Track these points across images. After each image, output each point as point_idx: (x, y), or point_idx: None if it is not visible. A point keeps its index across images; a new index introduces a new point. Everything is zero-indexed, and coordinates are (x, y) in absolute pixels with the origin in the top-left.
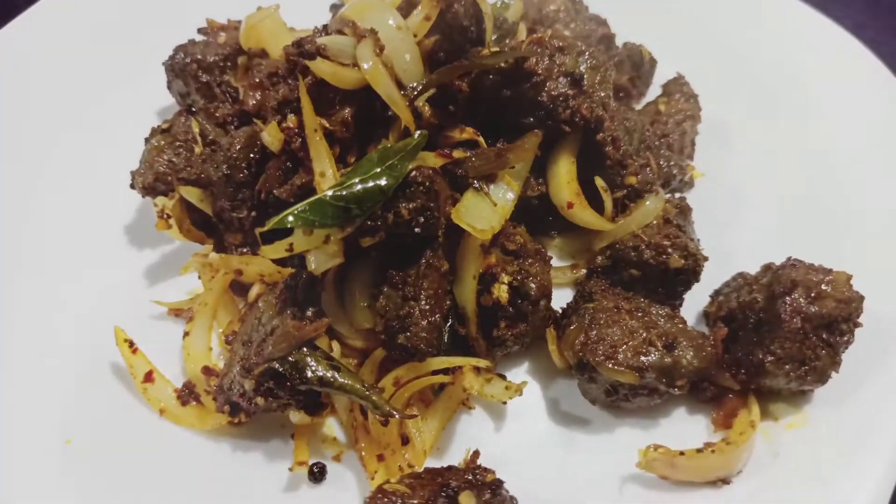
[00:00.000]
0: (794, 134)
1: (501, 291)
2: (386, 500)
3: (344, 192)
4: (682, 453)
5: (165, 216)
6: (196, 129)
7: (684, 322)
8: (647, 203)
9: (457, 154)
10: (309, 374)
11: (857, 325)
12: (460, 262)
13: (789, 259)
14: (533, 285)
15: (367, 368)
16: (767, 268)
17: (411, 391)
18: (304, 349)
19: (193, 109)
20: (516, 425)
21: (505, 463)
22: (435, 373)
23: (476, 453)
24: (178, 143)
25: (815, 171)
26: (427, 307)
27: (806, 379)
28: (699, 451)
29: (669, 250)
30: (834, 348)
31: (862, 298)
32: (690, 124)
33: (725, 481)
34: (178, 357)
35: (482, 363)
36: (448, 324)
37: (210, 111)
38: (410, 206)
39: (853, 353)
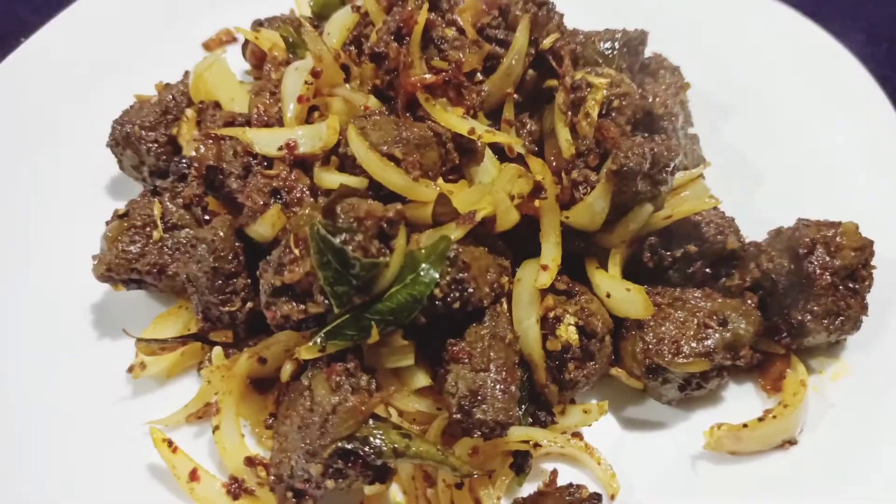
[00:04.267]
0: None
1: (570, 333)
2: None
3: (379, 306)
4: (745, 426)
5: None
6: (157, 212)
7: (720, 295)
8: (700, 183)
9: (480, 214)
10: (383, 447)
11: (873, 267)
12: (517, 311)
13: (799, 220)
14: (598, 322)
15: (431, 435)
16: (777, 232)
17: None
18: (371, 422)
19: (157, 189)
20: None
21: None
22: None
23: (555, 472)
24: (134, 230)
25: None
26: (499, 377)
27: (843, 328)
28: (761, 419)
29: (727, 231)
30: (860, 294)
31: (872, 242)
32: (684, 94)
33: (791, 442)
34: (206, 448)
35: (556, 438)
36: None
37: (175, 191)
38: (441, 282)
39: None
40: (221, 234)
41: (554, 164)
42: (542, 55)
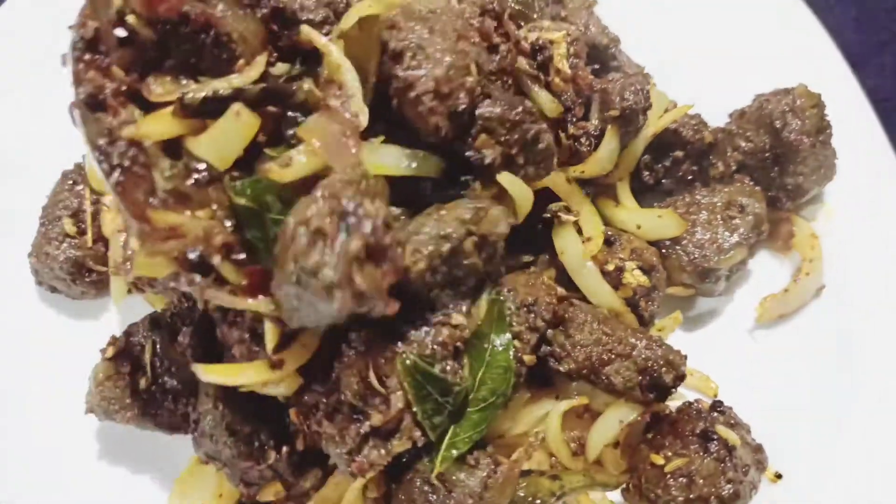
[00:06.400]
0: None
1: (637, 277)
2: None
3: (476, 396)
4: (786, 290)
5: None
6: (148, 358)
7: (720, 186)
8: (658, 91)
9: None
10: (546, 499)
11: (827, 114)
12: (581, 280)
13: (758, 97)
14: (653, 258)
15: (551, 435)
16: (741, 113)
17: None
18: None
19: (157, 322)
20: None
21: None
22: None
23: None
24: (120, 376)
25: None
26: (643, 343)
27: (828, 176)
28: (795, 280)
29: (701, 128)
30: (828, 142)
31: (819, 95)
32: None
33: (822, 287)
34: None
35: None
36: None
37: (175, 330)
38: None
39: None
40: (219, 399)
41: None
42: None
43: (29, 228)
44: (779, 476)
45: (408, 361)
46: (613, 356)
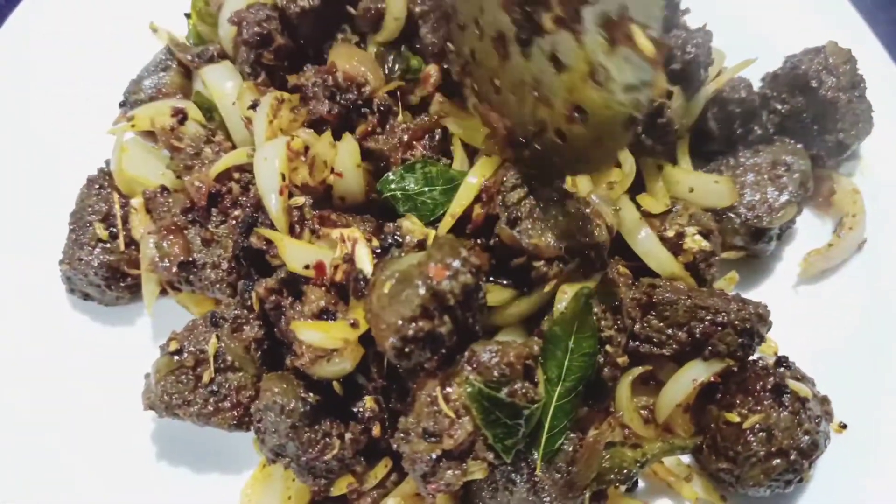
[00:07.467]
0: None
1: (698, 241)
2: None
3: (560, 390)
4: (830, 245)
5: None
6: (212, 351)
7: (763, 147)
8: (716, 49)
9: None
10: (629, 468)
11: (859, 68)
12: (636, 246)
13: (788, 58)
14: (710, 222)
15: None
16: (774, 76)
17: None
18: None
19: (217, 319)
20: None
21: None
22: None
23: None
24: (183, 370)
25: None
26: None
27: (867, 129)
28: (839, 236)
29: (753, 90)
30: (864, 97)
31: (849, 50)
32: None
33: (864, 241)
34: None
35: None
36: None
37: (238, 325)
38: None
39: None
40: (278, 393)
41: None
42: None
43: (54, 236)
44: (843, 426)
45: (471, 388)
46: (714, 327)
